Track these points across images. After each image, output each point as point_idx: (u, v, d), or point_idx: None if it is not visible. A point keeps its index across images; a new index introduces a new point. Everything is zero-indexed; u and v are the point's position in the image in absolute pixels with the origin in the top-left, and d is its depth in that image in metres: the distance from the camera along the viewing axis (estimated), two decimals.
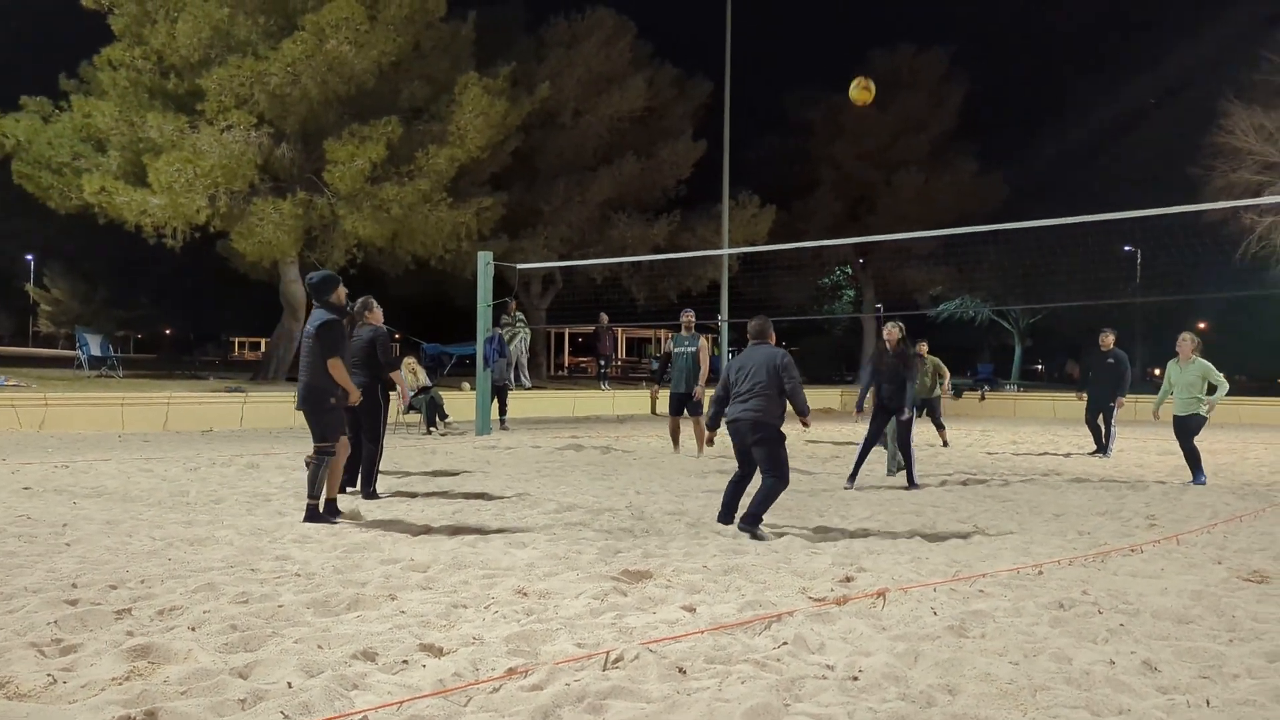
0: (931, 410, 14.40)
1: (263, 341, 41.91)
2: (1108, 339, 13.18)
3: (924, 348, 13.69)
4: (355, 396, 7.04)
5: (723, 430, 7.25)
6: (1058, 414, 25.23)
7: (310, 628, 4.09)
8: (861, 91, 12.17)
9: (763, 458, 6.87)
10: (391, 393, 8.88)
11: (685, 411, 11.72)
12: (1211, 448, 13.65)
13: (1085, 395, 13.71)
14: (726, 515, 7.09)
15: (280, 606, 4.38)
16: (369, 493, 8.04)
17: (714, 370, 12.03)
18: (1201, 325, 12.15)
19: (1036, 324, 55.24)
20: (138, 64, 19.40)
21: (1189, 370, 9.99)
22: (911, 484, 9.40)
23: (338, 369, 6.81)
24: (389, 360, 8.37)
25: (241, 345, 71.80)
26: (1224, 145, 26.88)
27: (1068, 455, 13.40)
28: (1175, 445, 10.42)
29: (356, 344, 7.98)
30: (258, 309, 38.28)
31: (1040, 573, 5.44)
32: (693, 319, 11.90)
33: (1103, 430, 13.25)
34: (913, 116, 38.11)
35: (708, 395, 9.41)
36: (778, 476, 6.82)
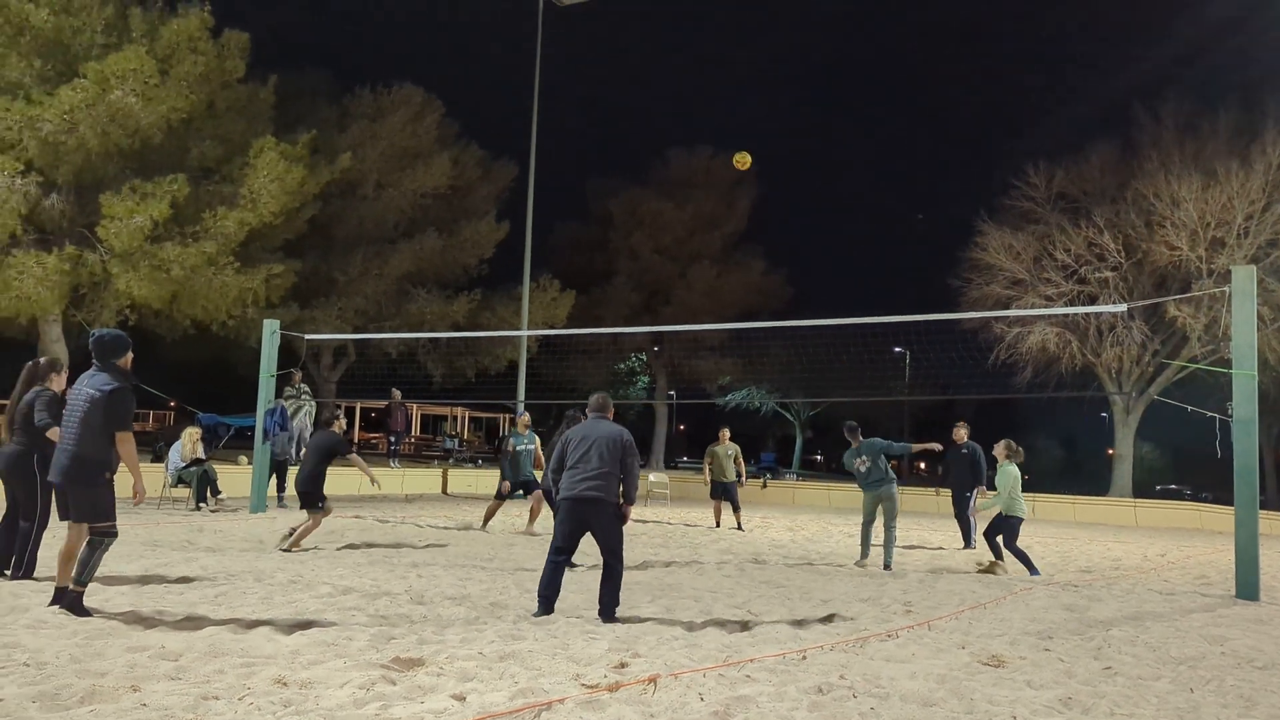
0: (729, 494, 15.25)
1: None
2: (961, 432, 13.13)
3: (726, 434, 15.55)
4: (141, 489, 6.17)
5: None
6: (833, 503, 26.52)
7: None
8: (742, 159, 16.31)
9: (605, 539, 6.65)
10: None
11: (523, 493, 13.48)
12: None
13: (947, 490, 13.68)
14: (548, 605, 6.64)
15: (0, 700, 3.97)
16: (24, 575, 7.03)
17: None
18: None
19: (816, 416, 58.27)
20: None
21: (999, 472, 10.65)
22: None
23: (128, 444, 6.02)
24: (45, 425, 7.04)
25: None
26: (979, 260, 29.57)
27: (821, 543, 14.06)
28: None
29: (24, 405, 7.14)
30: (9, 370, 34.89)
31: (804, 657, 5.66)
32: (529, 419, 13.63)
33: (970, 522, 13.28)
34: (707, 215, 39.91)
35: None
36: (620, 558, 6.67)
